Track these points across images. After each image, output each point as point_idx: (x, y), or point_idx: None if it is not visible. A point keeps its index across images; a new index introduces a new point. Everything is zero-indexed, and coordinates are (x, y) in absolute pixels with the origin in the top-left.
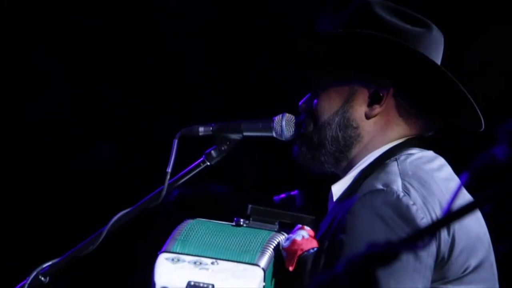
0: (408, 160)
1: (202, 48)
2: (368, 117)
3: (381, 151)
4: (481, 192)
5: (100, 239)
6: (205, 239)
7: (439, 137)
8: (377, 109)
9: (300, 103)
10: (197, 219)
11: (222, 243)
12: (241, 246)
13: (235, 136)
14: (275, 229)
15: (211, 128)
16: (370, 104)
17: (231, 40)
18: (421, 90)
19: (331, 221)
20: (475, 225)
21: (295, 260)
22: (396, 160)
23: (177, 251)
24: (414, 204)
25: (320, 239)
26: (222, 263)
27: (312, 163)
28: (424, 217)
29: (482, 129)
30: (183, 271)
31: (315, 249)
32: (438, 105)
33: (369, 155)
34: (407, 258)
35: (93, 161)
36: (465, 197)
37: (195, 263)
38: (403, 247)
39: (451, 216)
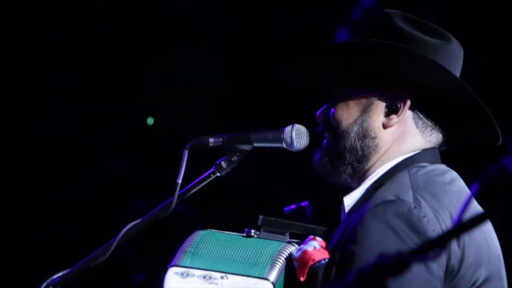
0: (420, 172)
1: (213, 58)
2: (385, 127)
3: (394, 163)
4: (491, 203)
5: (111, 250)
6: (215, 251)
7: (451, 150)
8: (395, 119)
9: (317, 113)
10: (208, 229)
11: (232, 256)
12: (251, 259)
13: (245, 147)
14: (286, 240)
15: (221, 139)
16: (388, 114)
17: (243, 49)
18: (438, 102)
19: (342, 232)
20: (485, 238)
21: (307, 271)
22: (408, 172)
23: (187, 265)
24: (425, 216)
25: (331, 250)
26: (231, 277)
27: (330, 173)
28: (435, 229)
29: (500, 143)
30: (192, 286)
31: (327, 260)
32: (455, 117)
33: (383, 167)
34: (418, 269)
35: (104, 172)
36: (475, 208)
37: (204, 277)
38: (413, 258)
39: (461, 227)
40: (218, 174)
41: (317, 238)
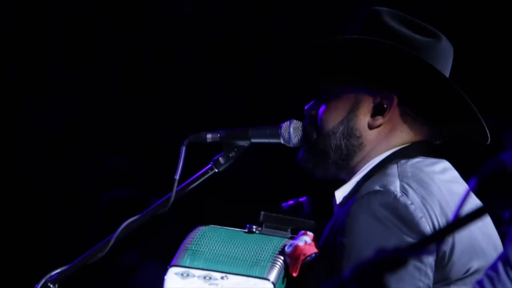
0: (409, 163)
1: (210, 55)
2: (371, 127)
3: (384, 156)
4: (489, 198)
5: (109, 246)
6: (216, 248)
7: (446, 143)
8: (380, 120)
9: (306, 107)
10: (209, 226)
11: (233, 253)
12: (252, 257)
13: (243, 143)
14: (288, 236)
15: (218, 135)
16: (374, 115)
17: (239, 46)
18: (426, 100)
19: (333, 225)
20: (479, 227)
21: (299, 266)
22: (396, 163)
23: (187, 264)
24: (412, 203)
25: (323, 243)
26: (232, 277)
27: (314, 169)
28: (422, 216)
29: (488, 142)
30: (192, 287)
31: (318, 253)
32: (443, 116)
33: (372, 161)
34: None
35: (102, 169)
36: (473, 202)
37: (204, 277)
38: (410, 254)
39: (459, 222)
40: (216, 170)
41: (309, 232)
